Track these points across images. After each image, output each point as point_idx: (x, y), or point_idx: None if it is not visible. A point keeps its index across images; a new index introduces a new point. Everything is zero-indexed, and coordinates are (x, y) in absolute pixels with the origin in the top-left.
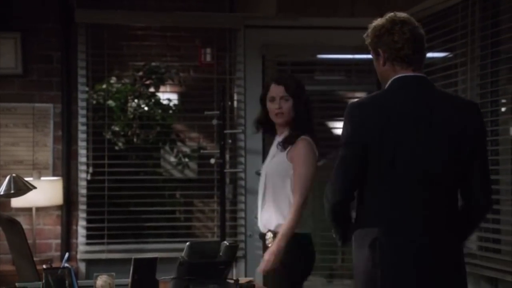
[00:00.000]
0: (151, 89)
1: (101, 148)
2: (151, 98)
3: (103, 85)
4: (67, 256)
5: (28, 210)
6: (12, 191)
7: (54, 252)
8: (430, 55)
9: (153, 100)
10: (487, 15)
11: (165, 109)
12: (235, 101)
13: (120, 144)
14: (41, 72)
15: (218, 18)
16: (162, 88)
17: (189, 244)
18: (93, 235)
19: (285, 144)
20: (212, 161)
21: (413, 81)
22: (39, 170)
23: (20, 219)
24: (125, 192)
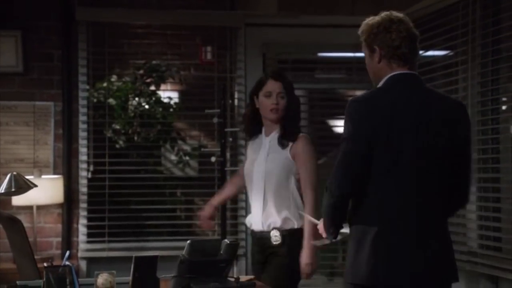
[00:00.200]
0: (152, 87)
1: (101, 146)
2: (151, 96)
3: (104, 83)
4: (68, 254)
5: (29, 208)
6: (13, 189)
7: (55, 250)
8: (430, 53)
9: (153, 98)
10: (487, 13)
11: (166, 107)
12: (236, 99)
13: (120, 143)
14: (42, 70)
15: (219, 16)
16: (162, 87)
17: (189, 242)
18: (94, 233)
19: (286, 141)
20: (213, 159)
21: (410, 79)
22: (40, 168)
23: (21, 217)
24: (125, 190)
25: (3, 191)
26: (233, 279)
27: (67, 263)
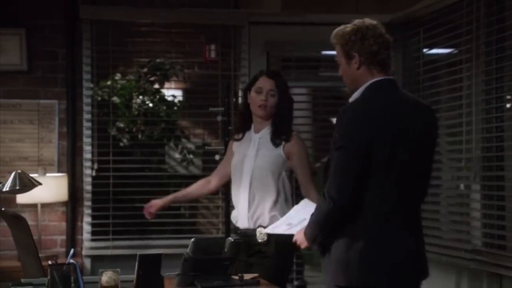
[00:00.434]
0: (156, 85)
1: (106, 144)
2: (155, 95)
3: (108, 82)
4: (72, 252)
5: (33, 206)
6: (18, 187)
7: (59, 248)
8: (434, 51)
9: (157, 97)
10: (492, 11)
11: (170, 105)
12: (240, 97)
13: (125, 141)
14: (46, 69)
15: (223, 14)
16: (166, 85)
17: (194, 240)
18: (98, 231)
19: (278, 140)
20: (217, 157)
21: (391, 84)
22: (44, 166)
23: (26, 215)
24: (130, 188)
25: (7, 189)
26: (237, 277)
27: (71, 261)
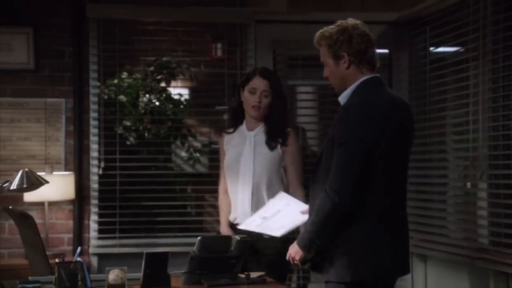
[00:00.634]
0: (162, 84)
1: (112, 143)
2: (162, 93)
3: (115, 80)
4: (79, 250)
5: (40, 205)
6: (25, 186)
7: (66, 246)
8: (441, 49)
9: (164, 95)
10: (499, 9)
11: (176, 104)
12: None
13: (131, 139)
14: (53, 67)
15: (229, 13)
16: (173, 83)
17: (200, 238)
18: (105, 229)
19: (274, 143)
20: None
21: (379, 81)
22: (51, 164)
23: (33, 214)
24: (136, 186)
25: (15, 187)
26: (243, 275)
27: (78, 259)
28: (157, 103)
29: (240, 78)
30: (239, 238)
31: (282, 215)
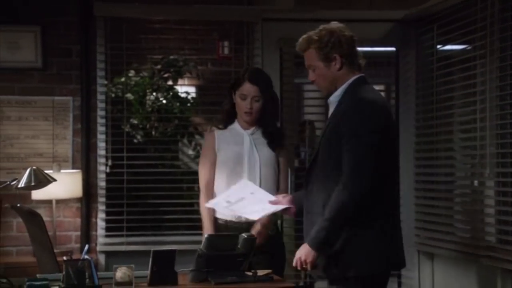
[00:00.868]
0: (169, 82)
1: (119, 141)
2: (169, 91)
3: (122, 78)
4: (86, 248)
5: (48, 203)
6: (33, 184)
7: (74, 244)
8: (449, 47)
9: (171, 93)
10: (506, 6)
11: (183, 102)
12: None
13: (138, 137)
14: (61, 66)
15: (236, 11)
16: (180, 81)
17: (207, 236)
18: (112, 227)
19: (273, 144)
20: None
21: (366, 80)
22: (58, 162)
23: (41, 211)
24: (143, 184)
25: (23, 185)
26: (250, 273)
27: (86, 256)
28: (164, 101)
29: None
30: (246, 236)
31: (248, 202)
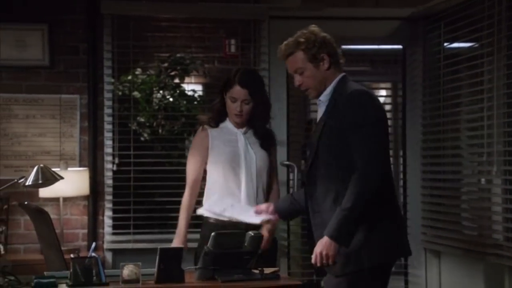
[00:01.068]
0: (176, 80)
1: (126, 139)
2: (176, 89)
3: (129, 76)
4: (93, 245)
5: (55, 200)
6: (40, 181)
7: (81, 242)
8: (456, 45)
9: (178, 91)
10: None
11: (190, 100)
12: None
13: (145, 135)
14: (68, 64)
15: (243, 9)
16: (187, 79)
17: (214, 234)
18: (119, 225)
19: (266, 144)
20: None
21: (348, 77)
22: (66, 160)
23: (48, 209)
24: (150, 182)
25: (30, 183)
26: (257, 271)
27: (93, 254)
28: (171, 99)
29: None
30: (253, 234)
31: (238, 209)
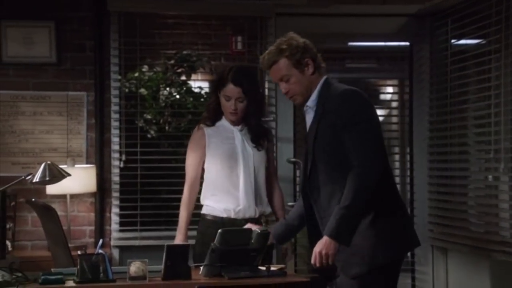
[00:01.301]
0: (183, 77)
1: (133, 136)
2: (182, 86)
3: (135, 74)
4: (101, 242)
5: (62, 197)
6: (47, 178)
7: (88, 239)
8: (463, 42)
9: (184, 88)
10: None
11: (197, 97)
12: (266, 89)
13: (152, 132)
14: (75, 61)
15: (249, 6)
16: (193, 76)
17: (221, 231)
18: (126, 222)
19: (262, 141)
20: None
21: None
22: (73, 157)
23: (55, 206)
24: (157, 179)
25: (37, 180)
26: (264, 268)
27: (100, 251)
28: (177, 96)
29: (260, 71)
30: (259, 231)
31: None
